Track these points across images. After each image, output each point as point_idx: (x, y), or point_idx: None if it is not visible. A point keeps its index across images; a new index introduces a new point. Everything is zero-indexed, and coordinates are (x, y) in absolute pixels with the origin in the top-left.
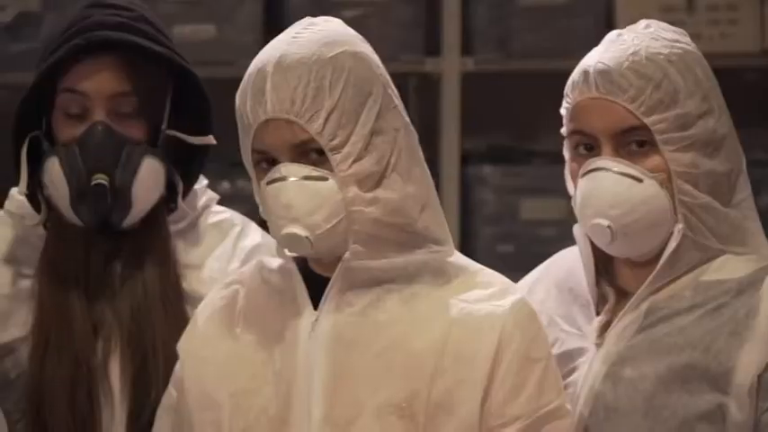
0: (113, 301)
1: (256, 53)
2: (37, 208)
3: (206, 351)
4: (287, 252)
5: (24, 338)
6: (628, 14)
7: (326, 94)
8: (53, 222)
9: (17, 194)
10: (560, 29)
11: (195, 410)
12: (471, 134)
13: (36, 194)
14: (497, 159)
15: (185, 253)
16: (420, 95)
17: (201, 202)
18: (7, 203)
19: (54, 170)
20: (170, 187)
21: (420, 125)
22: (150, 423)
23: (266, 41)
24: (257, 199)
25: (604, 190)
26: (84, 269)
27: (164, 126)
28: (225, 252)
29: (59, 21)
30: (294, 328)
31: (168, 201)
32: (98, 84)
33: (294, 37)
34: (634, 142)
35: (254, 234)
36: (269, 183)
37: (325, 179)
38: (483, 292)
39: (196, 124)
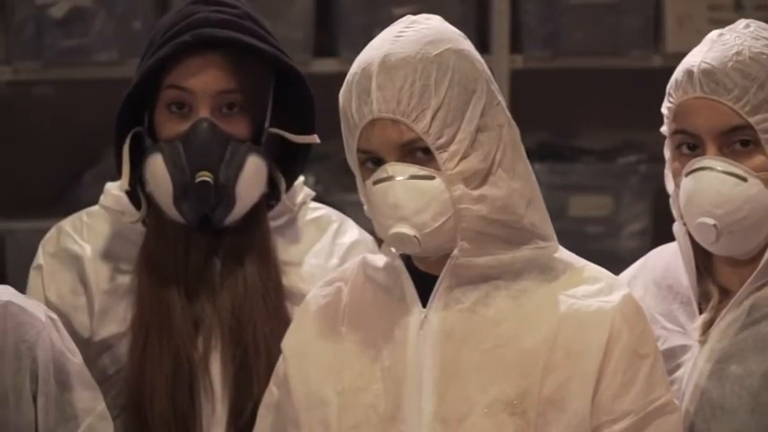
0: (213, 297)
1: (308, 49)
2: (136, 204)
3: (311, 349)
4: (393, 250)
5: (123, 334)
6: (676, 13)
7: (432, 92)
8: (153, 219)
9: (113, 190)
10: (609, 27)
11: (302, 409)
12: (520, 131)
13: (136, 191)
14: (546, 157)
15: (284, 250)
16: None
17: (299, 198)
18: (103, 199)
19: (157, 167)
20: (270, 184)
21: None
22: (251, 420)
23: (317, 38)
24: (362, 198)
25: (709, 189)
26: (184, 266)
27: (266, 124)
28: (323, 249)
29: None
30: (403, 325)
31: (269, 198)
32: (203, 81)
33: (397, 36)
34: (738, 142)
35: (352, 231)
36: (376, 182)
37: (432, 178)
38: (590, 288)
39: (298, 122)
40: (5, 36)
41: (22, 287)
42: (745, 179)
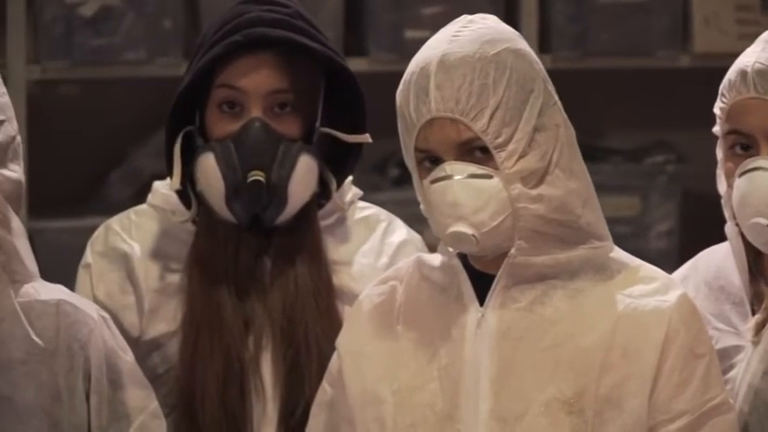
0: (264, 297)
1: (337, 49)
2: (187, 203)
3: (366, 347)
4: (450, 249)
5: (173, 333)
6: (703, 13)
7: (491, 92)
8: (203, 218)
9: (161, 188)
10: (636, 27)
11: (357, 407)
12: None
13: (186, 190)
14: None
15: (334, 249)
16: None
17: (348, 197)
18: (151, 197)
19: (209, 166)
20: (320, 183)
21: None
22: (303, 420)
23: (346, 37)
24: (419, 197)
25: (763, 189)
26: (234, 265)
27: (318, 123)
28: (373, 248)
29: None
30: (460, 324)
31: (318, 197)
32: (256, 80)
33: (454, 35)
34: None
35: (401, 230)
36: (434, 181)
37: (490, 177)
38: (646, 287)
39: (348, 121)
40: (34, 35)
41: None
42: None
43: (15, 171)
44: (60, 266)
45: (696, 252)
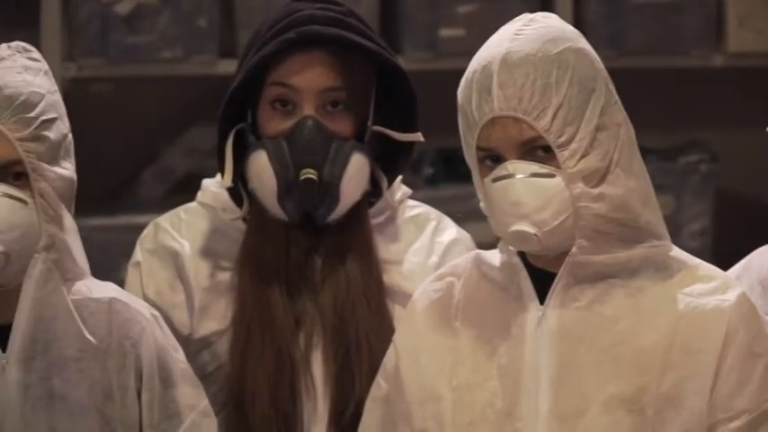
0: (315, 295)
1: None
2: (238, 201)
3: (423, 343)
4: (510, 248)
5: (223, 332)
6: (737, 12)
7: (553, 91)
8: (253, 216)
9: (211, 186)
10: (671, 26)
11: (415, 403)
12: None
13: (237, 187)
14: None
15: (384, 248)
16: None
17: (397, 196)
18: (200, 195)
19: (261, 164)
20: (371, 182)
21: None
22: (354, 419)
23: (382, 37)
24: (479, 195)
25: None
26: (285, 263)
27: (369, 122)
28: (423, 246)
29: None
30: (520, 323)
31: (369, 195)
32: (309, 78)
33: (516, 34)
34: None
35: (451, 229)
36: (495, 180)
37: (553, 176)
38: (705, 286)
39: (400, 120)
40: (70, 33)
41: None
42: None
43: (68, 169)
44: (93, 264)
45: (728, 251)
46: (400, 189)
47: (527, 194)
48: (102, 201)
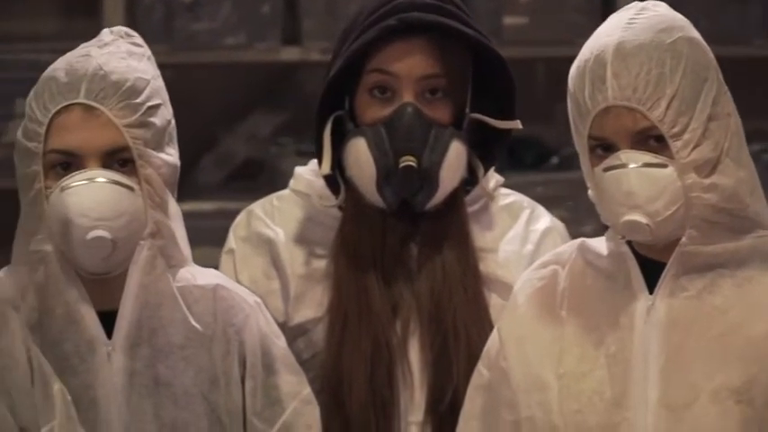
0: (411, 282)
1: None
2: (334, 188)
3: (529, 332)
4: (619, 237)
5: (319, 319)
6: None
7: (667, 81)
8: (350, 203)
9: (305, 174)
10: (733, 15)
11: (521, 391)
12: None
13: (334, 175)
14: None
15: (479, 236)
16: None
17: (491, 184)
18: (293, 183)
19: (360, 151)
20: (467, 170)
21: None
22: (451, 406)
23: None
24: (589, 184)
25: None
26: (382, 250)
27: (467, 109)
28: (517, 235)
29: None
30: (629, 312)
31: (465, 183)
32: (409, 65)
33: (629, 23)
34: None
35: (545, 217)
36: (607, 169)
37: (665, 166)
38: None
39: (496, 107)
40: (134, 19)
41: None
42: None
43: (172, 155)
44: None
45: None
46: (494, 177)
47: (640, 185)
48: None
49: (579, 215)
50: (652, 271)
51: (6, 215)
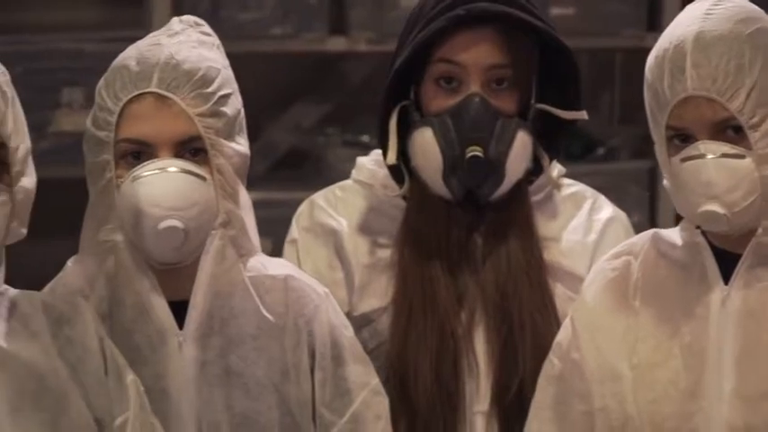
0: (476, 272)
1: None
2: (398, 178)
3: (602, 322)
4: (694, 228)
5: (383, 309)
6: None
7: (746, 71)
8: (415, 193)
9: (367, 164)
10: None
11: (594, 381)
12: None
13: (398, 165)
14: None
15: (543, 225)
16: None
17: (554, 173)
18: (356, 173)
19: (427, 141)
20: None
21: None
22: (517, 397)
23: None
24: (665, 174)
25: None
26: (446, 241)
27: (533, 99)
28: (580, 224)
29: None
30: (704, 302)
31: (529, 173)
32: (476, 55)
33: (707, 13)
34: None
35: (608, 207)
36: (685, 159)
37: (743, 157)
38: None
39: (561, 97)
40: (180, 9)
41: None
42: None
43: (242, 144)
44: None
45: None
46: (556, 167)
47: (718, 175)
48: None
49: (625, 206)
50: (726, 262)
51: (54, 204)
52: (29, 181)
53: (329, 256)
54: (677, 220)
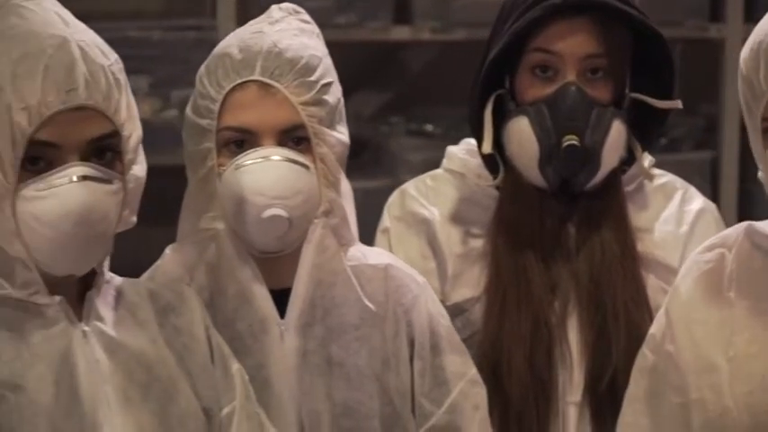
0: (569, 262)
1: None
2: (492, 168)
3: (697, 314)
4: None
5: (476, 299)
6: None
7: None
8: (509, 183)
9: (459, 153)
10: None
11: (691, 373)
12: None
13: (492, 154)
14: None
15: (635, 216)
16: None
17: (645, 164)
18: (447, 162)
19: (523, 130)
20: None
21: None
22: (610, 387)
23: None
24: (759, 165)
25: None
26: (540, 230)
27: (627, 89)
28: (671, 215)
29: None
30: None
31: (623, 163)
32: (571, 44)
33: None
34: None
35: (698, 198)
36: None
37: None
38: None
39: (655, 86)
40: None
41: None
42: None
43: (343, 133)
44: None
45: None
46: (647, 158)
47: None
48: None
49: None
50: None
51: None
52: (140, 169)
53: (422, 246)
54: (739, 210)
